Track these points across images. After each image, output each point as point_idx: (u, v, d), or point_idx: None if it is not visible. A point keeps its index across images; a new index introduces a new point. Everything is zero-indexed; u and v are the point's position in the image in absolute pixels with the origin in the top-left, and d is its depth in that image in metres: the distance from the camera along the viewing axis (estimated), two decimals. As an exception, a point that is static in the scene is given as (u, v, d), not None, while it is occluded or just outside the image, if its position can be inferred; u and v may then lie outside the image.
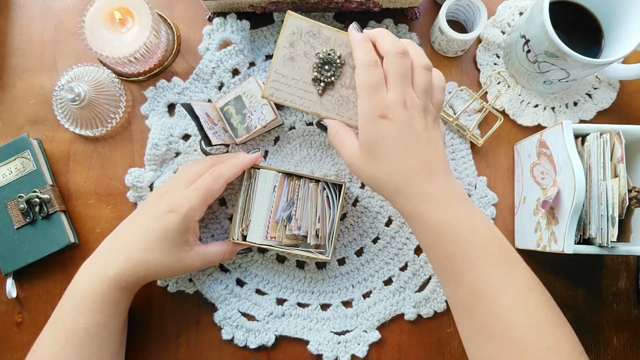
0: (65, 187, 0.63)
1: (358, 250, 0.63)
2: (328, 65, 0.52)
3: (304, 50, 0.53)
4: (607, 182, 0.51)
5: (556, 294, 0.62)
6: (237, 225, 0.57)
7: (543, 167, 0.56)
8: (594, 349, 0.61)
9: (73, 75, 0.61)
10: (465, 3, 0.61)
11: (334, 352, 0.60)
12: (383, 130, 0.46)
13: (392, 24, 0.65)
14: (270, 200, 0.57)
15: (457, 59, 0.66)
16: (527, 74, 0.61)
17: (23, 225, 0.60)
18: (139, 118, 0.64)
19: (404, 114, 0.46)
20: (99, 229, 0.63)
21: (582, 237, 0.52)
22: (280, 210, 0.57)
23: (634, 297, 0.62)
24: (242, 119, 0.61)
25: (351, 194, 0.63)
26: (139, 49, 0.58)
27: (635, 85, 0.65)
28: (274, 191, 0.57)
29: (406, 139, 0.46)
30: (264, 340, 0.60)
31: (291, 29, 0.52)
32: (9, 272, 0.60)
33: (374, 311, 0.61)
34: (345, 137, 0.50)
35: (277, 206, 0.57)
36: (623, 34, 0.56)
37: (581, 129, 0.53)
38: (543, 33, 0.53)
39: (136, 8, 0.59)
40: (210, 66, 0.63)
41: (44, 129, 0.64)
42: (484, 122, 0.64)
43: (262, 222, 0.57)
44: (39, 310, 0.62)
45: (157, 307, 0.60)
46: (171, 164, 0.63)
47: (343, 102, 0.53)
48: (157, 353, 0.61)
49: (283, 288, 0.62)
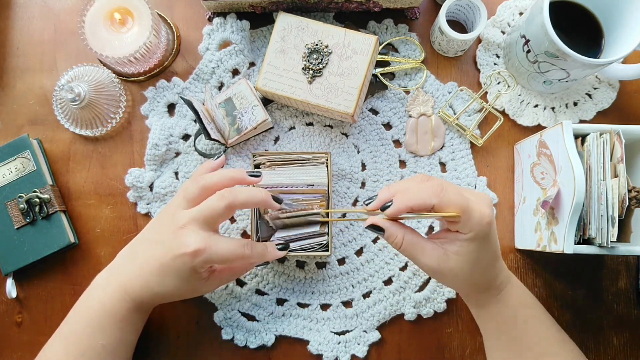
0: (65, 187, 0.63)
1: (358, 250, 0.63)
2: (316, 54, 0.56)
3: (294, 43, 0.57)
4: (607, 182, 0.51)
5: (556, 294, 0.62)
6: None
7: (543, 167, 0.56)
8: (594, 349, 0.61)
9: (73, 75, 0.61)
10: (465, 3, 0.61)
11: (334, 352, 0.60)
12: (493, 232, 0.48)
13: (392, 24, 0.65)
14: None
15: (457, 59, 0.66)
16: (527, 74, 0.61)
17: (23, 225, 0.60)
18: (139, 118, 0.64)
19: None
20: (99, 229, 0.63)
21: (582, 237, 0.52)
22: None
23: (634, 297, 0.62)
24: (233, 121, 0.61)
25: (351, 193, 0.63)
26: (139, 49, 0.58)
27: (635, 85, 0.65)
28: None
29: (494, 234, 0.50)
30: (264, 340, 0.60)
31: (282, 25, 0.58)
32: (9, 272, 0.60)
33: (374, 311, 0.61)
34: (418, 241, 0.48)
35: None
36: (623, 34, 0.56)
37: (581, 129, 0.53)
38: (543, 33, 0.53)
39: (136, 8, 0.59)
40: (210, 66, 0.63)
41: (44, 129, 0.64)
42: (484, 122, 0.64)
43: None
44: (39, 310, 0.62)
45: (157, 307, 0.60)
46: (171, 164, 0.63)
47: (331, 88, 0.56)
48: (157, 353, 0.61)
49: (283, 288, 0.62)
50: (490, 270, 0.49)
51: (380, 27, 0.65)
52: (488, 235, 0.47)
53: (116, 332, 0.51)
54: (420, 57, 0.65)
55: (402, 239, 0.48)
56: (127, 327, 0.51)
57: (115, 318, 0.50)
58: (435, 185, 0.46)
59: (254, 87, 0.62)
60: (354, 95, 0.57)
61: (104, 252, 0.62)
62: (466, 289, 0.51)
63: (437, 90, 0.65)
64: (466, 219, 0.45)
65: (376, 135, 0.64)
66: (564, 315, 0.62)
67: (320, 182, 0.56)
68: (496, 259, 0.49)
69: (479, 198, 0.47)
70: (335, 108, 0.57)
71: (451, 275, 0.48)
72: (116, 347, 0.51)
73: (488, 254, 0.48)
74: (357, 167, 0.63)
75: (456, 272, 0.48)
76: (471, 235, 0.46)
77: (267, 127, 0.63)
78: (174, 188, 0.62)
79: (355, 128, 0.64)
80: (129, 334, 0.52)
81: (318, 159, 0.58)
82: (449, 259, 0.47)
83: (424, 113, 0.64)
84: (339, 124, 0.64)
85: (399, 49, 0.65)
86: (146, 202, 0.63)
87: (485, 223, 0.46)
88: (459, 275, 0.48)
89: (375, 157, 0.64)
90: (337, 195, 0.63)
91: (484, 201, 0.47)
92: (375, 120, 0.64)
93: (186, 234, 0.49)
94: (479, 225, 0.46)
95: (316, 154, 0.58)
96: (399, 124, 0.64)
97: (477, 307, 0.53)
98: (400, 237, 0.48)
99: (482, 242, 0.47)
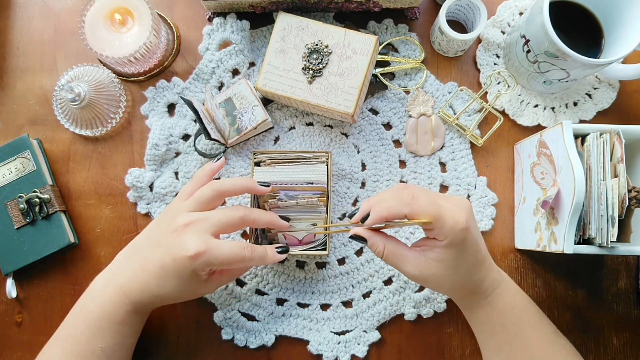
0: (65, 187, 0.63)
1: (358, 250, 0.63)
2: (316, 54, 0.56)
3: (294, 43, 0.57)
4: (607, 182, 0.51)
5: (556, 294, 0.62)
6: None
7: (543, 167, 0.56)
8: (594, 349, 0.61)
9: (73, 75, 0.61)
10: (465, 3, 0.61)
11: (334, 352, 0.60)
12: (470, 237, 0.48)
13: (392, 24, 0.65)
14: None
15: (457, 59, 0.66)
16: (527, 74, 0.61)
17: (23, 225, 0.60)
18: (139, 118, 0.64)
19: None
20: (99, 229, 0.63)
21: (582, 237, 0.52)
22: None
23: (634, 297, 0.62)
24: (233, 121, 0.61)
25: (351, 193, 0.63)
26: (139, 49, 0.58)
27: (635, 85, 0.65)
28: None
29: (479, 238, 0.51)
30: (264, 340, 0.60)
31: (282, 25, 0.58)
32: (9, 272, 0.60)
33: (374, 311, 0.61)
34: (399, 250, 0.49)
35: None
36: (623, 34, 0.56)
37: (581, 129, 0.53)
38: (543, 33, 0.53)
39: (136, 8, 0.59)
40: (210, 66, 0.63)
41: (44, 129, 0.64)
42: (484, 122, 0.64)
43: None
44: (39, 310, 0.62)
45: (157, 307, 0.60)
46: (171, 164, 0.63)
47: (331, 88, 0.56)
48: (157, 353, 0.61)
49: (283, 288, 0.62)
50: (473, 274, 0.50)
51: (380, 27, 0.65)
52: (464, 240, 0.47)
53: (115, 335, 0.50)
54: (420, 57, 0.65)
55: (383, 248, 0.49)
56: (126, 329, 0.51)
57: (114, 321, 0.50)
58: (407, 195, 0.47)
59: (254, 87, 0.62)
60: (354, 95, 0.57)
61: (104, 252, 0.62)
62: (453, 293, 0.52)
63: (437, 90, 0.65)
64: (440, 226, 0.46)
65: (376, 135, 0.64)
66: (564, 315, 0.62)
67: (320, 180, 0.56)
68: (479, 264, 0.50)
69: (454, 204, 0.48)
70: (335, 108, 0.57)
71: (434, 281, 0.49)
72: (115, 349, 0.51)
73: (468, 258, 0.49)
74: (357, 167, 0.63)
75: (438, 278, 0.49)
76: (447, 242, 0.47)
77: (267, 127, 0.63)
78: (174, 188, 0.62)
79: (355, 128, 0.64)
80: (128, 336, 0.52)
81: (318, 158, 0.58)
82: (429, 266, 0.48)
83: (424, 113, 0.64)
84: (339, 124, 0.64)
85: (399, 49, 0.65)
86: (146, 202, 0.63)
87: (459, 229, 0.46)
88: (441, 281, 0.49)
89: (375, 157, 0.64)
90: (337, 195, 0.63)
91: (460, 207, 0.48)
92: (375, 120, 0.64)
93: (186, 237, 0.48)
94: (452, 231, 0.46)
95: (317, 153, 0.58)
96: (399, 124, 0.64)
97: (467, 310, 0.54)
98: (381, 246, 0.49)
99: (459, 248, 0.47)
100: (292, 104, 0.61)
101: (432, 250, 0.48)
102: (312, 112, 0.63)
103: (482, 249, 0.50)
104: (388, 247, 0.49)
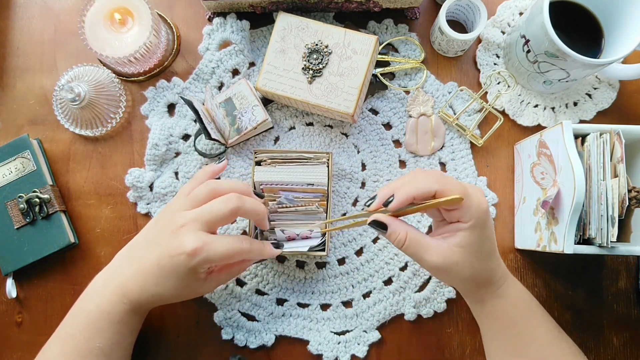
0: (65, 187, 0.63)
1: (358, 250, 0.63)
2: (316, 54, 0.56)
3: (294, 43, 0.57)
4: (607, 182, 0.51)
5: (556, 294, 0.62)
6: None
7: (543, 167, 0.56)
8: (594, 349, 0.61)
9: (73, 75, 0.61)
10: (465, 3, 0.61)
11: (334, 352, 0.60)
12: (489, 220, 0.49)
13: (392, 24, 0.65)
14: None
15: (457, 59, 0.66)
16: (527, 74, 0.61)
17: (23, 225, 0.60)
18: (139, 118, 0.64)
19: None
20: (99, 229, 0.63)
21: (582, 237, 0.52)
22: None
23: (634, 297, 0.62)
24: (233, 121, 0.61)
25: (351, 193, 0.63)
26: (139, 49, 0.58)
27: (635, 85, 0.65)
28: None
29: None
30: (264, 340, 0.60)
31: (282, 25, 0.58)
32: (9, 272, 0.60)
33: (374, 311, 0.61)
34: (421, 237, 0.48)
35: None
36: (623, 34, 0.56)
37: (581, 129, 0.53)
38: (543, 33, 0.53)
39: (136, 8, 0.59)
40: (210, 66, 0.63)
41: (44, 129, 0.64)
42: (484, 122, 0.64)
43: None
44: (39, 310, 0.62)
45: (157, 307, 0.60)
46: (171, 164, 0.63)
47: (331, 88, 0.56)
48: (157, 353, 0.61)
49: (283, 288, 0.62)
50: (491, 261, 0.50)
51: (380, 27, 0.65)
52: (486, 223, 0.48)
53: (113, 334, 0.50)
54: (420, 57, 0.65)
55: (405, 236, 0.47)
56: (124, 329, 0.51)
57: (113, 320, 0.50)
58: (435, 172, 0.48)
59: (254, 87, 0.62)
60: (354, 95, 0.57)
61: (104, 252, 0.62)
62: (468, 284, 0.51)
63: (437, 90, 0.65)
64: (468, 205, 0.46)
65: (376, 135, 0.64)
66: (564, 315, 0.62)
67: (320, 181, 0.56)
68: (495, 250, 0.50)
69: (473, 186, 0.49)
70: (335, 108, 0.57)
71: (456, 270, 0.48)
72: (113, 348, 0.51)
73: (488, 242, 0.49)
74: (357, 167, 0.63)
75: (460, 267, 0.48)
76: (472, 223, 0.47)
77: (267, 127, 0.63)
78: (174, 188, 0.62)
79: (355, 128, 0.64)
80: (126, 336, 0.52)
81: (319, 159, 0.58)
82: (452, 253, 0.47)
83: (424, 113, 0.64)
84: (339, 124, 0.64)
85: (399, 49, 0.65)
86: (146, 202, 0.63)
87: (483, 210, 0.47)
88: (462, 269, 0.48)
89: (375, 157, 0.64)
90: (337, 195, 0.63)
91: (479, 190, 0.49)
92: (375, 120, 0.64)
93: (183, 234, 0.48)
94: (477, 211, 0.46)
95: (318, 154, 0.58)
96: (399, 124, 0.64)
97: (477, 303, 0.53)
98: (403, 233, 0.47)
99: (482, 230, 0.47)
100: (292, 104, 0.61)
101: (454, 235, 0.47)
102: (312, 112, 0.63)
103: (494, 236, 0.51)
104: (410, 234, 0.47)
